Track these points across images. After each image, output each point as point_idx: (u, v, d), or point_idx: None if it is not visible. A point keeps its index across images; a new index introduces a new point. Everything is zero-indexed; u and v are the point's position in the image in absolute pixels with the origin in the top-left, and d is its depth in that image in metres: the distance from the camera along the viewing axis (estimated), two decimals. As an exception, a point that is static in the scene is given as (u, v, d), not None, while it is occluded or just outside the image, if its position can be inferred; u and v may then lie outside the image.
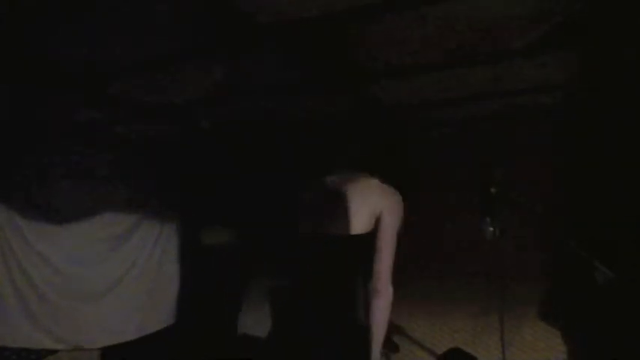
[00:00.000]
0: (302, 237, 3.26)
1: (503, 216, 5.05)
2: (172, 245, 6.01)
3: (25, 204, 4.90)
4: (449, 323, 5.34)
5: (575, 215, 5.07)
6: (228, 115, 4.86)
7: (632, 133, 4.50)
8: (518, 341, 5.20)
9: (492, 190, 5.17)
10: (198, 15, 3.03)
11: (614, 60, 3.90)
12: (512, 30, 3.31)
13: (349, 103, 4.79)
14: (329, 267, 3.10)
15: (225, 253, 6.15)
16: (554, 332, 5.25)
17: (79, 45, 3.32)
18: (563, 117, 5.06)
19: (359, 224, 3.06)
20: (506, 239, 5.03)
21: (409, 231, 5.62)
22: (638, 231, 4.57)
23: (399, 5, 3.02)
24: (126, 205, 5.51)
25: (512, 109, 4.97)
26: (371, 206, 3.09)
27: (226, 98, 4.44)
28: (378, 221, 3.07)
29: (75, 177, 5.13)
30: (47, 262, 5.03)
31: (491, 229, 5.16)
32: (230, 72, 3.88)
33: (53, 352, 5.12)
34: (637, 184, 4.57)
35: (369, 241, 3.05)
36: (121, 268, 5.53)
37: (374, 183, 3.20)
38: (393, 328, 5.62)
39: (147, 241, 5.74)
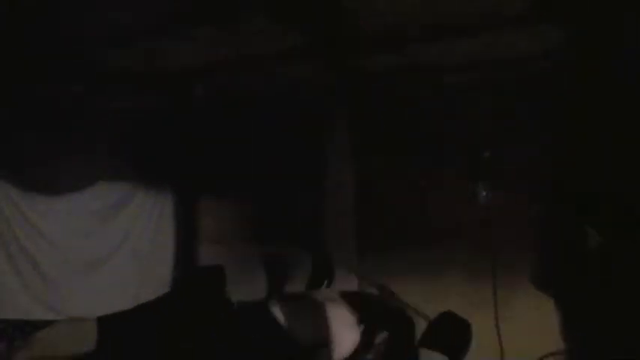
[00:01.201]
0: None
1: (494, 182, 5.10)
2: (167, 215, 6.01)
3: (20, 177, 4.90)
4: (441, 292, 5.38)
5: (567, 182, 5.08)
6: (221, 85, 4.84)
7: (629, 102, 4.50)
8: (510, 310, 5.25)
9: (485, 154, 5.20)
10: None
11: (612, 24, 3.89)
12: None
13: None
14: None
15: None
16: (547, 300, 5.29)
17: (75, 14, 3.30)
18: (557, 85, 5.05)
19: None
20: (498, 207, 5.08)
21: (400, 200, 5.70)
22: (631, 197, 4.60)
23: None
24: (120, 177, 5.50)
25: (503, 78, 4.96)
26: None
27: (218, 68, 4.42)
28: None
29: (70, 150, 5.10)
30: (42, 233, 5.05)
31: (484, 193, 5.20)
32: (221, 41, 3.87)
33: (49, 322, 5.17)
34: (631, 152, 4.59)
35: None
36: (115, 238, 5.55)
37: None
38: (387, 294, 5.68)
39: (141, 212, 5.74)
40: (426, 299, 5.31)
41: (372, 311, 3.92)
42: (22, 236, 4.96)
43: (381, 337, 3.64)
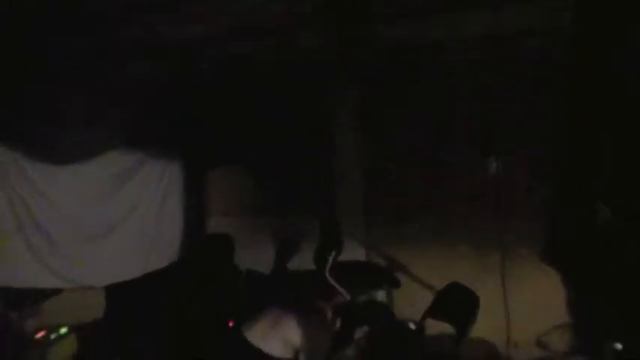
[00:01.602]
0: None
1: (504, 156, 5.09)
2: (175, 184, 6.02)
3: (30, 146, 4.90)
4: (449, 262, 5.40)
5: (576, 156, 5.07)
6: (230, 55, 4.83)
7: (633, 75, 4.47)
8: (517, 281, 5.27)
9: (495, 127, 5.19)
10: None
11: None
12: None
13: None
14: None
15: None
16: (553, 273, 5.31)
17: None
18: (562, 60, 5.02)
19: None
20: (508, 179, 5.08)
21: (408, 172, 5.70)
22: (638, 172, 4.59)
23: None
24: (128, 145, 5.49)
25: (511, 52, 4.93)
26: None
27: (228, 38, 4.41)
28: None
29: (78, 118, 5.10)
30: (51, 202, 5.06)
31: (494, 164, 5.20)
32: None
33: (59, 291, 5.21)
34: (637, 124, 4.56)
35: None
36: (124, 207, 5.55)
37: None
38: (394, 265, 5.70)
39: (150, 181, 5.74)
40: (433, 270, 5.35)
41: (351, 308, 3.95)
42: (32, 206, 4.96)
43: (360, 332, 3.67)
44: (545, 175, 5.22)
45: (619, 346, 3.43)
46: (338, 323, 3.71)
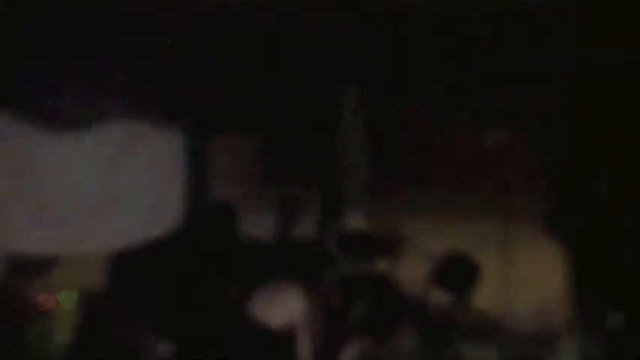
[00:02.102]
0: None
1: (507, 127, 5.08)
2: (177, 152, 6.01)
3: (32, 116, 4.89)
4: (451, 232, 5.41)
5: (579, 127, 5.07)
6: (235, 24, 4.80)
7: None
8: (518, 252, 5.29)
9: (496, 99, 5.18)
10: None
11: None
12: None
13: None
14: None
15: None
16: (555, 244, 5.34)
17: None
18: (569, 28, 4.99)
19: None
20: (510, 150, 5.08)
21: (412, 141, 5.69)
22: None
23: None
24: (132, 115, 5.48)
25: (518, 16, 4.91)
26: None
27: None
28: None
29: (81, 88, 5.08)
30: (53, 172, 5.08)
31: (496, 136, 5.21)
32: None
33: (62, 259, 5.25)
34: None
35: None
36: (125, 176, 5.55)
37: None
38: (397, 234, 5.72)
39: (153, 150, 5.74)
40: (435, 240, 5.36)
41: (351, 278, 3.98)
42: (35, 176, 4.99)
43: (358, 303, 3.69)
44: (548, 147, 5.24)
45: (618, 318, 3.45)
46: (337, 294, 3.73)
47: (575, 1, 4.74)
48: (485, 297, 4.97)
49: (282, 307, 3.62)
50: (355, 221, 5.73)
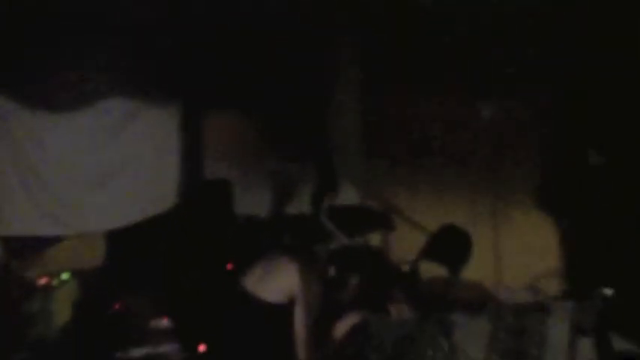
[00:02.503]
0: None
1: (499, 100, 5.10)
2: (173, 129, 6.02)
3: (28, 95, 4.91)
4: (444, 205, 5.46)
5: (570, 99, 5.09)
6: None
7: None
8: (510, 225, 5.34)
9: (491, 73, 5.20)
10: None
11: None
12: None
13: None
14: None
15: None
16: (546, 218, 5.39)
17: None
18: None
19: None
20: (502, 125, 5.10)
21: (405, 116, 5.71)
22: (630, 117, 4.61)
23: None
24: (126, 93, 5.48)
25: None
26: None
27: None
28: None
29: (76, 68, 5.08)
30: (49, 150, 5.12)
31: (489, 111, 5.23)
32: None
33: (59, 238, 5.29)
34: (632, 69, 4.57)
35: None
36: (122, 154, 5.57)
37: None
38: (391, 208, 5.76)
39: (148, 127, 5.74)
40: (428, 214, 5.41)
41: (345, 252, 4.01)
42: (31, 153, 5.01)
43: (352, 277, 3.72)
44: (540, 120, 5.26)
45: (609, 291, 3.50)
46: (332, 268, 3.77)
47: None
48: (477, 270, 5.04)
49: (278, 282, 3.65)
50: (349, 196, 5.78)
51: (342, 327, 3.66)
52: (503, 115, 5.16)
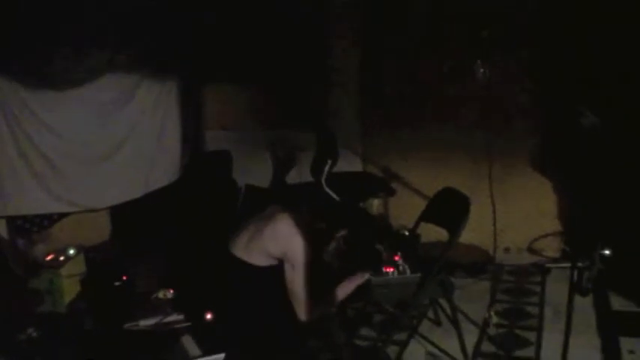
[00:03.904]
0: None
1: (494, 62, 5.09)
2: (174, 102, 6.04)
3: (27, 75, 4.92)
4: (443, 172, 5.47)
5: (562, 62, 5.07)
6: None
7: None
8: (508, 188, 5.36)
9: (484, 33, 5.17)
10: None
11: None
12: None
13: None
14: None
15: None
16: (542, 181, 5.41)
17: None
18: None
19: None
20: (496, 87, 5.09)
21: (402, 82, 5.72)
22: (623, 76, 4.59)
23: None
24: (125, 68, 5.49)
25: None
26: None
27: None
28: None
29: (74, 44, 5.08)
30: (51, 128, 5.11)
31: (482, 70, 5.22)
32: None
33: (64, 215, 5.37)
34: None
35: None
36: (123, 129, 5.59)
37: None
38: (389, 175, 5.80)
39: (148, 101, 5.75)
40: (427, 179, 5.44)
41: (330, 210, 3.99)
42: (33, 132, 5.01)
43: (340, 231, 3.70)
44: (534, 80, 5.25)
45: (608, 251, 3.52)
46: (318, 226, 3.73)
47: None
48: (476, 233, 5.08)
49: (262, 247, 3.62)
50: (350, 162, 5.81)
51: (345, 288, 3.68)
52: (499, 75, 5.15)
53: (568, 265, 3.80)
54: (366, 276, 3.71)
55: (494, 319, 4.32)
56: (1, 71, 4.81)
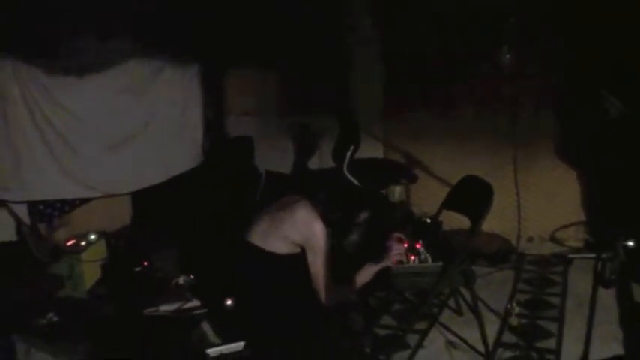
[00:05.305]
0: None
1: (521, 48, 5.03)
2: (195, 87, 6.03)
3: (49, 60, 4.92)
4: (466, 159, 5.44)
5: (587, 49, 4.99)
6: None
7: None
8: (532, 176, 5.31)
9: (510, 19, 5.11)
10: None
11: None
12: None
13: None
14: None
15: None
16: (566, 169, 5.34)
17: None
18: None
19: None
20: (521, 74, 5.03)
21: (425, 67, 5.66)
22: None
23: None
24: (146, 54, 5.48)
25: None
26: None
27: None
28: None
29: (97, 31, 5.08)
30: (73, 114, 5.11)
31: (508, 56, 5.17)
32: None
33: (85, 201, 5.38)
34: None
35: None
36: (145, 115, 5.59)
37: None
38: (411, 161, 5.76)
39: (169, 86, 5.75)
40: (449, 166, 5.39)
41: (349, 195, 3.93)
42: (54, 118, 5.01)
43: (362, 217, 3.65)
44: (559, 68, 5.18)
45: (632, 243, 3.46)
46: (337, 212, 3.69)
47: None
48: (498, 222, 5.04)
49: (281, 234, 3.58)
50: (371, 149, 5.78)
51: (365, 274, 3.65)
52: (523, 61, 5.09)
53: (591, 255, 3.75)
54: (388, 263, 3.68)
55: (516, 309, 4.28)
56: (22, 56, 4.82)
